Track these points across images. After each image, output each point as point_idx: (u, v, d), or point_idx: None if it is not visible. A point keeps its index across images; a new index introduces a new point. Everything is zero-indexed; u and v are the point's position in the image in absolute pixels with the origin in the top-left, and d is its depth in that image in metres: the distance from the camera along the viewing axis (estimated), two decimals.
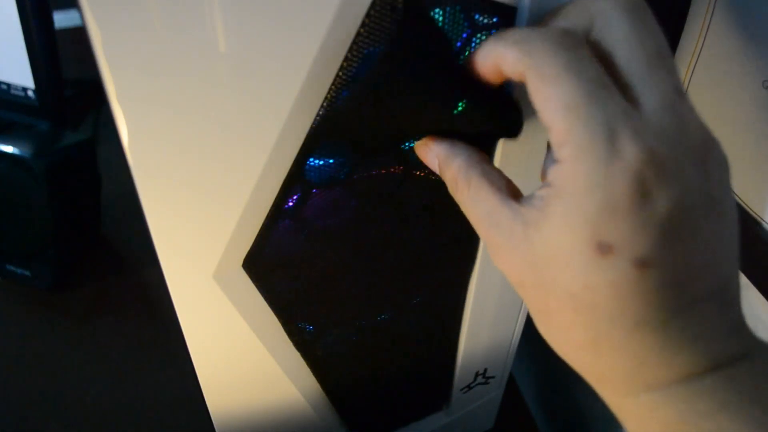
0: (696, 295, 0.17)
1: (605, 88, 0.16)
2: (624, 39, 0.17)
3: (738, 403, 0.17)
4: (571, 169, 0.17)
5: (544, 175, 0.19)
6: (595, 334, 0.18)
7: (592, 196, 0.16)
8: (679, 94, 0.17)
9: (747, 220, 0.30)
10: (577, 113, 0.16)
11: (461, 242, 0.29)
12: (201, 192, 0.21)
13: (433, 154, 0.22)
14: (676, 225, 0.16)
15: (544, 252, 0.17)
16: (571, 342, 0.19)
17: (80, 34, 0.17)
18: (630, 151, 0.16)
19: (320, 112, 0.21)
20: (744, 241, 0.18)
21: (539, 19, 0.21)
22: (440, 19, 0.21)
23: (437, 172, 0.22)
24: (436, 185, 0.26)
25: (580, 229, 0.16)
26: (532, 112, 0.18)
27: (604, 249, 0.16)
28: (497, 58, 0.19)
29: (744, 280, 0.30)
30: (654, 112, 0.17)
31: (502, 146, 0.25)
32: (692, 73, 0.33)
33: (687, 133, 0.17)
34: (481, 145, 0.22)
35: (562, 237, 0.17)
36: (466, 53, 0.22)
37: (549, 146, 0.18)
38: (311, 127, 0.21)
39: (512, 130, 0.22)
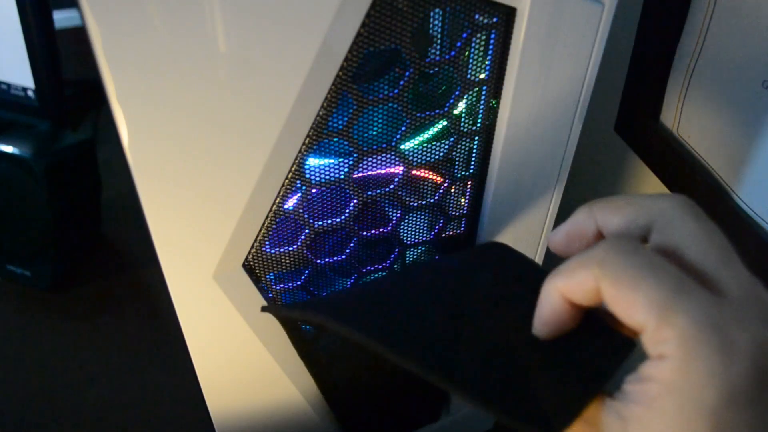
0: None
1: (686, 280, 0.16)
2: (694, 236, 0.17)
3: None
4: (682, 363, 0.16)
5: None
6: None
7: (711, 388, 0.15)
8: (756, 283, 0.17)
9: (750, 224, 0.30)
10: (672, 307, 0.16)
11: (462, 242, 0.29)
12: (201, 192, 0.21)
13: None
14: None
15: None
16: None
17: (80, 34, 0.17)
18: (744, 339, 0.16)
19: (320, 112, 0.21)
20: (747, 246, 0.18)
21: (539, 20, 0.21)
22: (440, 19, 0.21)
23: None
24: (436, 185, 0.27)
25: (699, 423, 0.16)
26: None
27: None
28: (567, 286, 0.18)
29: None
30: (743, 299, 0.16)
31: (501, 146, 0.25)
32: (692, 73, 0.33)
33: None
34: None
35: (675, 430, 0.16)
36: (467, 53, 0.22)
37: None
38: (311, 127, 0.21)
39: None
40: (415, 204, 0.26)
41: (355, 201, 0.25)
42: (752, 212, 0.30)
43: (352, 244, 0.27)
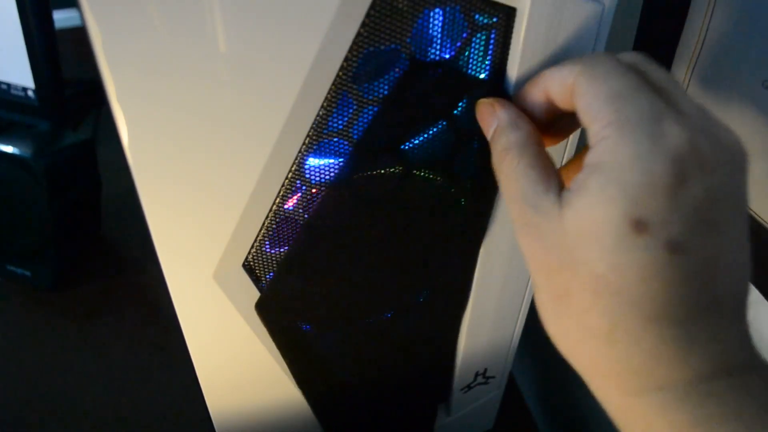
0: (717, 295, 0.17)
1: (646, 85, 0.18)
2: (651, 64, 0.19)
3: (754, 411, 0.17)
4: (615, 143, 0.17)
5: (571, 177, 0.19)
6: (613, 321, 0.17)
7: (635, 170, 0.16)
8: (704, 108, 0.18)
9: (750, 224, 0.29)
10: (626, 100, 0.17)
11: (462, 242, 0.29)
12: (201, 192, 0.21)
13: (495, 116, 0.22)
14: (708, 216, 0.17)
15: (577, 230, 0.17)
16: (586, 329, 0.18)
17: (80, 34, 0.17)
18: (675, 134, 0.16)
19: (320, 112, 0.21)
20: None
21: (539, 20, 0.21)
22: (440, 18, 0.21)
23: (488, 135, 0.22)
24: (435, 185, 0.26)
25: (618, 201, 0.16)
26: None
27: (639, 226, 0.16)
28: (548, 79, 0.20)
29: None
30: (690, 111, 0.18)
31: None
32: (692, 73, 0.33)
33: (721, 132, 0.18)
34: None
35: (598, 210, 0.17)
36: (467, 53, 0.22)
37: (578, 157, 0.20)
38: (311, 127, 0.21)
39: None
40: (415, 204, 0.26)
41: (354, 201, 0.25)
42: (752, 212, 0.30)
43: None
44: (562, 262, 0.18)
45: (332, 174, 0.24)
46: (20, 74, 0.48)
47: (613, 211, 0.17)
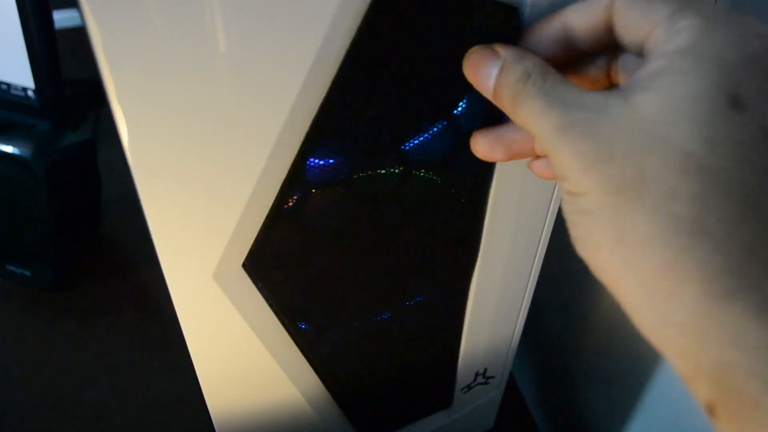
0: None
1: None
2: None
3: None
4: (701, 30, 0.16)
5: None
6: (705, 206, 0.15)
7: (731, 48, 0.16)
8: None
9: None
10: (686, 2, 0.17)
11: (461, 242, 0.29)
12: (201, 192, 0.21)
13: (495, 57, 0.19)
14: None
15: (658, 109, 0.16)
16: (666, 221, 0.15)
17: (80, 34, 0.17)
18: (760, 25, 0.16)
19: (320, 112, 0.21)
20: None
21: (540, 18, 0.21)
22: (440, 18, 0.21)
23: (489, 81, 0.20)
24: (435, 185, 0.27)
25: (715, 77, 0.15)
26: None
27: (737, 103, 0.15)
28: (569, 12, 0.19)
29: None
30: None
31: None
32: None
33: None
34: None
35: (690, 87, 0.15)
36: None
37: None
38: (311, 127, 0.21)
39: None
40: (415, 204, 0.26)
41: (354, 201, 0.25)
42: None
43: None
44: (631, 146, 0.16)
45: (332, 174, 0.24)
46: (20, 74, 0.48)
47: (709, 85, 0.15)
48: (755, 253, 0.15)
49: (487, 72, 0.20)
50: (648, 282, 0.16)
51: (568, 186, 0.18)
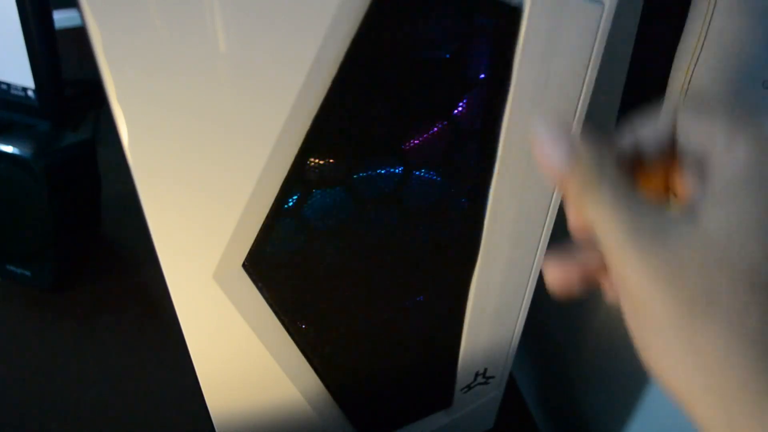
0: None
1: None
2: None
3: None
4: (760, 155, 0.17)
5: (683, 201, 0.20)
6: None
7: None
8: None
9: None
10: (746, 121, 0.18)
11: (461, 242, 0.29)
12: (201, 192, 0.21)
13: (568, 148, 0.19)
14: None
15: (727, 231, 0.17)
16: (738, 332, 0.16)
17: (80, 34, 0.17)
18: None
19: (320, 112, 0.21)
20: None
21: (539, 20, 0.21)
22: (440, 18, 0.21)
23: (556, 168, 0.19)
24: (435, 185, 0.27)
25: None
26: None
27: None
28: (638, 128, 0.21)
29: None
30: None
31: (501, 146, 0.25)
32: (692, 73, 0.33)
33: None
34: None
35: (754, 210, 0.17)
36: (467, 53, 0.22)
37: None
38: (311, 127, 0.21)
39: None
40: (415, 204, 0.26)
41: (354, 201, 0.25)
42: None
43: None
44: (703, 263, 0.17)
45: (332, 174, 0.24)
46: (20, 74, 0.48)
47: None
48: None
49: (558, 154, 0.19)
50: (726, 401, 0.17)
51: (634, 296, 0.18)
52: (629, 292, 0.18)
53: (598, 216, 0.19)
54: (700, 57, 0.33)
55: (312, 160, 0.23)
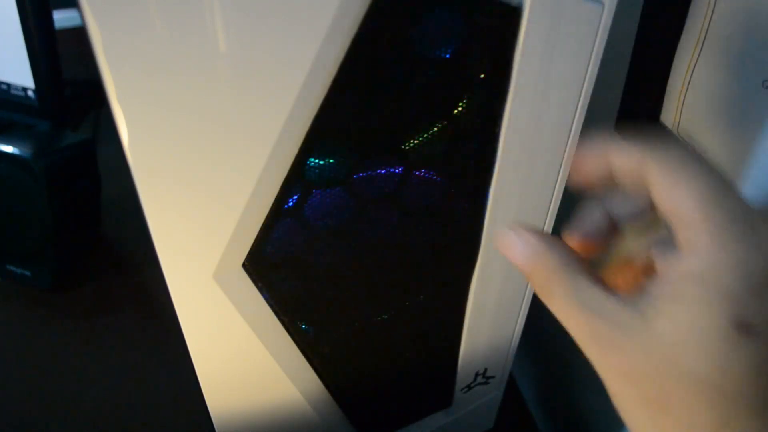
0: None
1: (731, 186, 0.18)
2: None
3: None
4: (709, 251, 0.17)
5: (645, 268, 0.20)
6: (722, 417, 0.17)
7: (735, 275, 0.16)
8: None
9: None
10: (717, 203, 0.17)
11: (461, 242, 0.29)
12: (201, 192, 0.21)
13: (524, 244, 0.21)
14: None
15: (673, 337, 0.17)
16: (690, 428, 0.18)
17: (80, 34, 0.17)
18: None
19: (320, 112, 0.21)
20: None
21: (539, 20, 0.21)
22: (440, 18, 0.21)
23: (520, 263, 0.21)
24: (435, 185, 0.27)
25: (721, 308, 0.17)
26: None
27: (744, 329, 0.16)
28: (615, 151, 0.20)
29: None
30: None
31: (501, 146, 0.25)
32: (692, 73, 0.33)
33: None
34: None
35: (701, 318, 0.17)
36: (467, 53, 0.22)
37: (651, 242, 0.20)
38: (311, 127, 0.21)
39: None
40: (415, 204, 0.26)
41: (354, 201, 0.25)
42: None
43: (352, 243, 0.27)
44: (654, 368, 0.18)
45: (332, 174, 0.24)
46: (20, 74, 0.48)
47: (717, 317, 0.17)
48: None
49: (517, 256, 0.21)
50: None
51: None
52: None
53: (560, 317, 0.20)
54: (700, 57, 0.33)
55: (312, 160, 0.23)
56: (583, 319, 0.19)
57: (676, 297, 0.17)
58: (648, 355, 0.18)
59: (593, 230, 0.22)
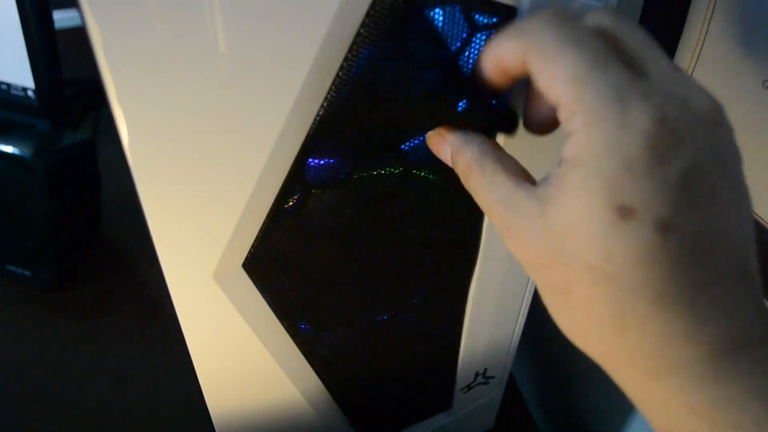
0: (719, 264, 0.16)
1: (608, 56, 0.17)
2: (624, 22, 0.18)
3: None
4: (585, 136, 0.16)
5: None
6: (618, 308, 0.17)
7: (609, 158, 0.16)
8: (678, 68, 0.18)
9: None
10: (584, 81, 0.16)
11: (461, 242, 0.29)
12: (201, 192, 0.21)
13: (446, 143, 0.22)
14: (692, 187, 0.16)
15: (563, 225, 0.17)
16: (592, 320, 0.18)
17: (80, 34, 0.17)
18: (642, 111, 0.16)
19: (320, 112, 0.21)
20: None
21: None
22: (440, 19, 0.21)
23: (448, 161, 0.22)
24: (435, 185, 0.27)
25: (598, 193, 0.16)
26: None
27: (624, 212, 0.16)
28: (498, 52, 0.19)
29: None
30: (660, 79, 0.17)
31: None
32: (692, 73, 0.33)
33: (694, 98, 0.17)
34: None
35: (581, 205, 0.17)
36: (466, 53, 0.22)
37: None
38: (311, 127, 0.21)
39: (509, 128, 0.23)
40: (415, 204, 0.26)
41: (354, 201, 0.25)
42: (757, 216, 0.30)
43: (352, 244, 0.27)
44: (554, 257, 0.18)
45: (332, 174, 0.24)
46: (20, 74, 0.48)
47: (596, 202, 0.16)
48: (668, 338, 0.17)
49: (443, 154, 0.23)
50: (600, 361, 0.19)
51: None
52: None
53: (481, 205, 0.21)
54: (700, 57, 0.33)
55: (312, 160, 0.23)
56: (496, 210, 0.20)
57: (563, 184, 0.17)
58: (546, 243, 0.18)
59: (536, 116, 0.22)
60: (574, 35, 0.17)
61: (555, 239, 0.17)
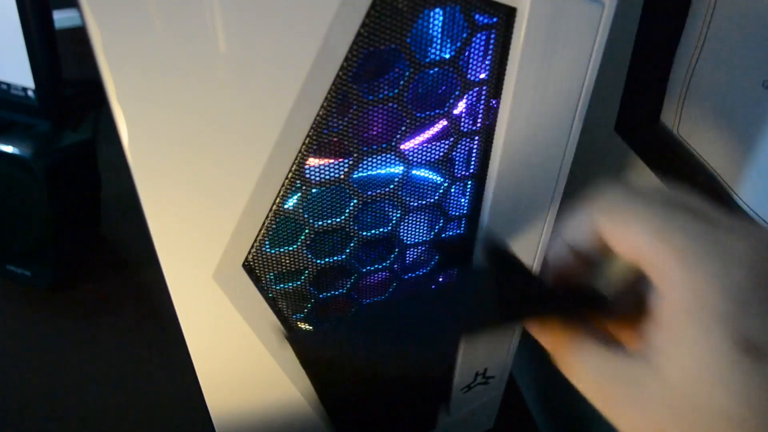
0: None
1: (678, 210, 0.17)
2: None
3: None
4: (685, 279, 0.16)
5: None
6: None
7: (718, 293, 0.16)
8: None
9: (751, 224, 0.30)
10: (666, 228, 0.17)
11: (461, 243, 0.29)
12: (201, 192, 0.21)
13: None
14: None
15: (687, 381, 0.16)
16: None
17: (80, 34, 0.17)
18: (739, 246, 0.16)
19: (320, 112, 0.21)
20: None
21: (539, 20, 0.21)
22: (440, 19, 0.21)
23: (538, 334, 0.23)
24: (436, 185, 0.26)
25: (720, 332, 0.16)
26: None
27: (750, 348, 0.15)
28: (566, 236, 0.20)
29: None
30: (735, 223, 0.17)
31: (501, 146, 0.25)
32: (692, 73, 0.33)
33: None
34: None
35: (704, 352, 0.16)
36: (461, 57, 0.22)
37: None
38: (311, 127, 0.21)
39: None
40: (415, 204, 0.26)
41: (354, 201, 0.25)
42: (752, 212, 0.30)
43: (352, 244, 0.27)
44: (678, 418, 0.17)
45: (332, 174, 0.24)
46: (20, 74, 0.48)
47: (719, 344, 0.16)
48: None
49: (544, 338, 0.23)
50: None
51: None
52: None
53: (572, 378, 0.21)
54: (700, 57, 0.33)
55: (312, 160, 0.23)
56: (594, 381, 0.19)
57: (675, 339, 0.17)
58: (666, 404, 0.17)
59: (563, 262, 0.22)
60: (634, 192, 0.18)
61: (677, 398, 0.17)
